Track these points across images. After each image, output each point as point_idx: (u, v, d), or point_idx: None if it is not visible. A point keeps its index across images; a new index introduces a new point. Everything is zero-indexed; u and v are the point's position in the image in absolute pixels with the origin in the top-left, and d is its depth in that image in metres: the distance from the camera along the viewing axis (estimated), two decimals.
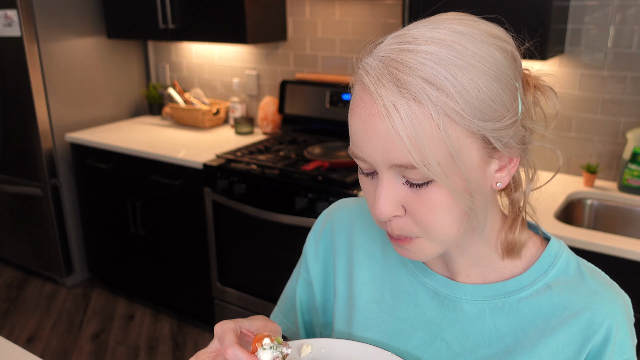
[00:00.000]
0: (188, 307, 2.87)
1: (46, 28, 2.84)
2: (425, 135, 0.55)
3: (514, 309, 0.70)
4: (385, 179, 0.60)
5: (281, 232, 2.31)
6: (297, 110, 2.77)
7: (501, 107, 0.58)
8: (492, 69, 0.58)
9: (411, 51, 0.57)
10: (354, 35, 2.63)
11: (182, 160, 2.53)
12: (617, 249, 1.62)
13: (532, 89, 0.66)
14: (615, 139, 2.11)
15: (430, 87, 0.55)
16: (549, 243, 0.72)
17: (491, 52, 0.58)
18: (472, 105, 0.56)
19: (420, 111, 0.55)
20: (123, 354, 2.65)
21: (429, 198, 0.60)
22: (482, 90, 0.56)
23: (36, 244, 3.22)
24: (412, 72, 0.55)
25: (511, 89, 0.60)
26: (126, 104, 3.34)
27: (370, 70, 0.58)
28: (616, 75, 2.06)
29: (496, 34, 0.61)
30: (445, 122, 0.55)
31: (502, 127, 0.59)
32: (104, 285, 3.25)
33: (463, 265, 0.72)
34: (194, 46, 3.21)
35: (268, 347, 0.65)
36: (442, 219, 0.61)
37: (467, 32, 0.59)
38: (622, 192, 2.03)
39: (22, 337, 2.79)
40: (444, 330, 0.73)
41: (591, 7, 2.05)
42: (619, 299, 0.68)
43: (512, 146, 0.61)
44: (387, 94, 0.56)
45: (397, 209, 0.61)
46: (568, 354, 0.67)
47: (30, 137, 2.95)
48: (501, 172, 0.63)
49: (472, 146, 0.58)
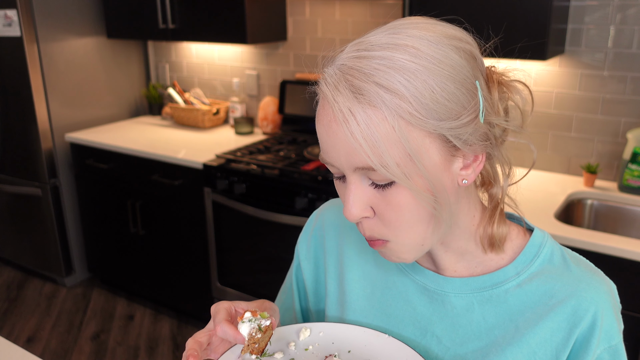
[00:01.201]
0: (188, 307, 2.87)
1: (46, 28, 2.84)
2: (382, 138, 0.57)
3: (502, 300, 0.71)
4: (352, 182, 0.62)
5: (281, 232, 2.31)
6: (297, 110, 2.77)
7: (457, 105, 0.59)
8: (447, 69, 0.59)
9: (366, 57, 0.59)
10: (354, 35, 2.63)
11: (182, 160, 2.53)
12: (617, 249, 1.62)
13: (496, 84, 0.67)
14: (616, 139, 2.11)
15: (383, 91, 0.57)
16: (533, 233, 0.74)
17: (446, 53, 0.60)
18: (427, 106, 0.57)
19: (375, 115, 0.57)
20: (123, 354, 2.65)
21: (393, 199, 0.61)
22: (436, 90, 0.58)
23: (36, 244, 3.22)
24: (367, 77, 0.57)
25: (468, 87, 0.61)
26: (126, 104, 3.34)
27: (329, 79, 0.60)
28: (616, 75, 2.06)
29: (453, 34, 0.62)
30: (400, 124, 0.57)
31: (459, 126, 0.60)
32: (104, 285, 3.25)
33: (449, 261, 0.74)
34: (194, 46, 3.21)
35: (247, 321, 0.68)
36: (407, 219, 0.63)
37: (423, 35, 0.60)
38: (622, 192, 2.03)
39: (22, 337, 2.79)
40: (434, 324, 0.74)
41: (591, 7, 2.05)
42: (603, 285, 0.70)
43: (473, 143, 0.62)
44: (343, 100, 0.58)
45: (366, 210, 0.63)
46: (556, 341, 0.68)
47: (30, 137, 2.95)
48: (466, 170, 0.64)
49: (431, 146, 0.59)
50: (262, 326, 0.68)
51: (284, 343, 0.76)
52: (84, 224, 3.15)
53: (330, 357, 0.74)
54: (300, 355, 0.74)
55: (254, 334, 0.67)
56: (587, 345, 0.67)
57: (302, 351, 0.75)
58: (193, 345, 0.66)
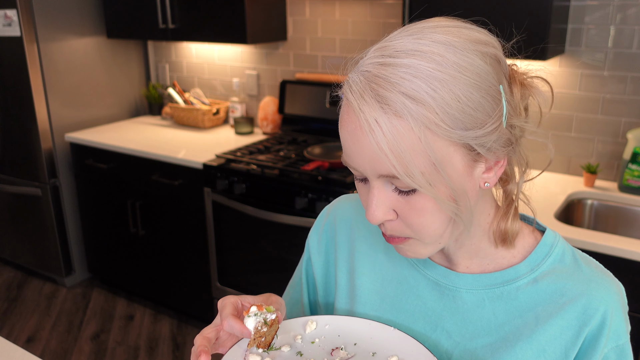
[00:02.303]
0: (188, 307, 2.86)
1: (46, 28, 2.84)
2: (407, 148, 0.57)
3: (512, 297, 0.72)
4: (376, 187, 0.63)
5: (281, 232, 2.31)
6: (297, 110, 2.77)
7: (482, 114, 0.60)
8: (473, 77, 0.59)
9: (392, 65, 0.58)
10: (354, 35, 2.63)
11: (182, 160, 2.53)
12: (617, 249, 1.62)
13: (518, 85, 0.67)
14: (616, 139, 2.11)
15: (409, 101, 0.57)
16: (545, 233, 0.75)
17: (472, 60, 0.60)
18: (453, 116, 0.58)
19: (401, 125, 0.57)
20: (123, 354, 2.65)
21: (416, 204, 0.62)
22: (462, 100, 0.58)
23: (36, 244, 3.22)
24: (393, 87, 0.57)
25: (493, 94, 0.61)
26: (126, 104, 3.33)
27: (354, 86, 0.60)
28: (616, 75, 2.06)
29: (478, 38, 0.62)
30: (426, 134, 0.57)
31: (484, 134, 0.60)
32: (104, 285, 3.25)
33: (462, 257, 0.74)
34: (194, 46, 3.21)
35: (253, 315, 0.69)
36: (430, 222, 0.64)
37: (448, 41, 0.60)
38: (622, 192, 2.03)
39: (22, 337, 2.79)
40: (445, 320, 0.75)
41: (591, 7, 2.05)
42: (613, 286, 0.71)
43: (496, 150, 0.62)
44: (369, 110, 0.58)
45: (389, 214, 0.64)
46: (565, 339, 0.69)
47: (30, 137, 2.95)
48: (488, 173, 0.65)
49: (455, 155, 0.60)
50: (268, 320, 0.69)
51: (291, 336, 0.77)
52: (84, 224, 3.15)
53: (337, 350, 0.74)
54: (307, 348, 0.75)
55: (260, 328, 0.68)
56: (595, 343, 0.68)
57: (309, 344, 0.76)
58: (202, 342, 0.67)
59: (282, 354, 0.74)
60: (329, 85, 2.66)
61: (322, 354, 0.74)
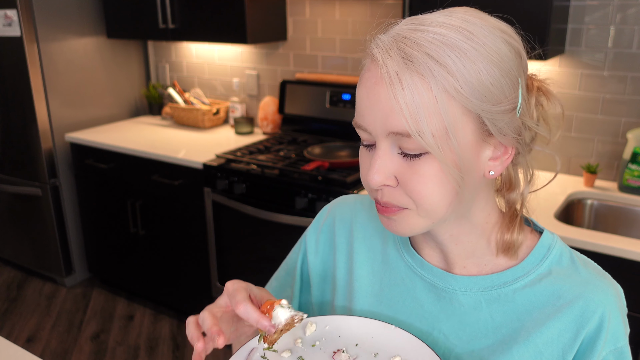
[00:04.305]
0: (188, 307, 2.86)
1: (46, 28, 2.84)
2: (423, 106, 0.59)
3: (510, 299, 0.71)
4: (382, 148, 0.63)
5: (281, 232, 2.31)
6: (297, 110, 2.77)
7: (499, 92, 0.61)
8: (495, 56, 0.61)
9: (421, 30, 0.61)
10: (354, 35, 2.63)
11: (182, 160, 2.53)
12: (617, 249, 1.62)
13: (535, 92, 0.68)
14: (616, 139, 2.11)
15: (433, 62, 0.58)
16: (542, 235, 0.74)
17: (497, 43, 0.62)
18: (471, 85, 0.59)
19: (421, 83, 0.58)
20: (123, 354, 2.65)
21: (420, 169, 0.62)
22: (482, 73, 0.60)
23: (36, 244, 3.22)
24: (419, 47, 0.59)
25: (512, 79, 0.63)
26: (126, 104, 3.33)
27: (381, 44, 0.62)
28: (616, 75, 2.06)
29: (505, 29, 0.65)
30: (443, 96, 0.59)
31: (497, 112, 0.61)
32: (104, 285, 3.25)
33: (459, 256, 0.74)
34: (194, 46, 3.21)
35: (286, 306, 0.66)
36: (432, 191, 0.63)
37: (476, 22, 0.62)
38: (622, 192, 2.03)
39: (22, 337, 2.79)
40: (441, 322, 0.75)
41: (591, 7, 2.05)
42: (611, 288, 0.70)
43: (506, 133, 0.63)
44: (392, 64, 0.59)
45: (389, 179, 0.64)
46: (563, 342, 0.68)
47: (30, 137, 2.95)
48: (494, 162, 0.66)
49: (467, 125, 0.61)
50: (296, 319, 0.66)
51: (290, 340, 0.76)
52: (84, 224, 3.15)
53: (339, 352, 0.73)
54: (308, 352, 0.74)
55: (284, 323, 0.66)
56: (593, 346, 0.68)
57: (310, 347, 0.74)
58: (214, 321, 0.65)
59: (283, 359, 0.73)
60: (329, 85, 2.66)
61: (324, 358, 0.73)
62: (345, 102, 2.61)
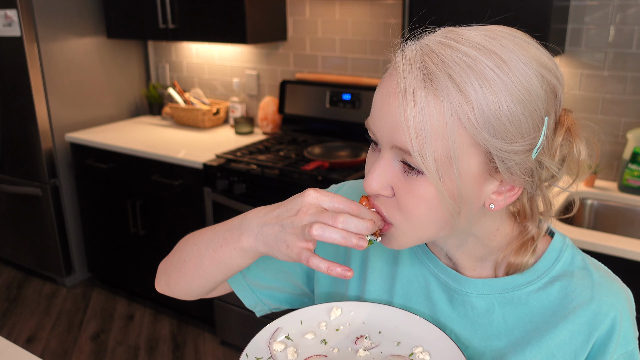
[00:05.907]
0: (188, 307, 2.86)
1: (46, 28, 2.84)
2: (431, 128, 0.57)
3: (523, 302, 0.71)
4: (385, 158, 0.62)
5: None
6: (297, 110, 2.77)
7: (516, 131, 0.58)
8: (523, 92, 0.57)
9: (451, 47, 0.58)
10: (354, 35, 2.63)
11: (182, 160, 2.53)
12: (617, 249, 1.62)
13: (564, 129, 0.65)
14: (616, 139, 2.11)
15: (453, 85, 0.56)
16: (554, 238, 0.74)
17: (529, 77, 0.58)
18: (487, 118, 0.57)
19: (434, 104, 0.56)
20: (123, 354, 2.65)
21: (417, 189, 0.60)
22: (502, 107, 0.57)
23: (36, 244, 3.22)
24: (444, 66, 0.57)
25: (536, 119, 0.59)
26: (126, 104, 3.33)
27: (407, 52, 0.60)
28: (616, 75, 2.06)
29: (545, 63, 0.61)
30: (454, 123, 0.56)
31: (509, 151, 0.59)
32: (104, 285, 3.25)
33: (467, 261, 0.73)
34: (194, 46, 3.21)
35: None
36: (422, 213, 0.62)
37: (514, 50, 0.59)
38: (622, 192, 2.03)
39: (22, 337, 2.79)
40: (453, 322, 0.74)
41: (591, 7, 2.05)
42: (622, 291, 0.70)
43: (515, 173, 0.61)
44: (411, 78, 0.57)
45: (385, 189, 0.63)
46: (575, 344, 0.68)
47: (30, 137, 2.95)
48: (498, 196, 0.63)
49: (473, 157, 0.59)
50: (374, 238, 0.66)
51: (315, 323, 0.76)
52: (84, 224, 3.15)
53: (361, 338, 0.74)
54: (331, 335, 0.74)
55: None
56: (604, 348, 0.68)
57: (333, 331, 0.75)
58: (328, 264, 0.63)
59: (307, 342, 0.73)
60: (329, 85, 2.66)
61: (347, 343, 0.73)
62: (345, 102, 2.61)
